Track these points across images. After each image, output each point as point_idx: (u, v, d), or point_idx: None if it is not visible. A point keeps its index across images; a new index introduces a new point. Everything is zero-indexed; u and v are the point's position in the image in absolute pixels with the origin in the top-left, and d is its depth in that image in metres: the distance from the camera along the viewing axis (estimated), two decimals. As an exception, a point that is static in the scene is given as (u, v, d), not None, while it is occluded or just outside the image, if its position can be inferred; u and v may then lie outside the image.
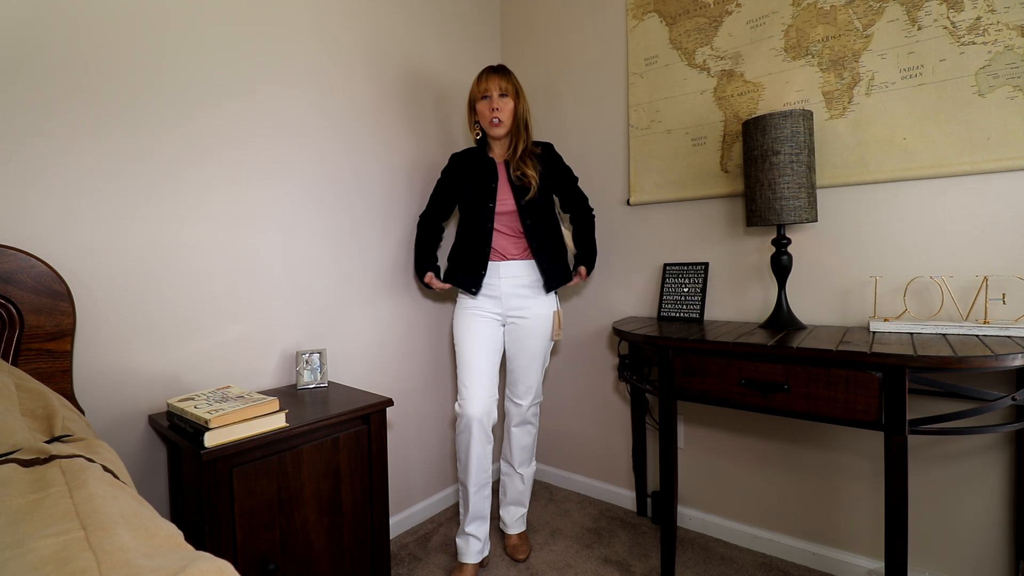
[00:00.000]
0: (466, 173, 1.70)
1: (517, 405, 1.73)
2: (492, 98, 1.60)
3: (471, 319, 1.67)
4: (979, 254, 1.34)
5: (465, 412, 1.59)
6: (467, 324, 1.67)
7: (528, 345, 1.67)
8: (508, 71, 1.63)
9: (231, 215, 1.39)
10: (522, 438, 1.75)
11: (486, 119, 1.61)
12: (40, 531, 0.46)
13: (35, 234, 1.07)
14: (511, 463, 1.76)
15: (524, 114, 1.64)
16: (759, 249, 1.68)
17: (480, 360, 1.63)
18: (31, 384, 0.83)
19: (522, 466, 1.76)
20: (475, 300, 1.67)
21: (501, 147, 1.70)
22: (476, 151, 1.72)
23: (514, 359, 1.71)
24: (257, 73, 1.44)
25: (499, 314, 1.68)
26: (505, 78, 1.61)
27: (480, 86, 1.61)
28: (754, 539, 1.71)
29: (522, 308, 1.66)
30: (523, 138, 1.64)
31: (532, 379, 1.71)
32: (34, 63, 1.07)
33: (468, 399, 1.59)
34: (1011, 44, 1.27)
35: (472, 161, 1.71)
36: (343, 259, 1.68)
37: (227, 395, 1.19)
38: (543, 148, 1.72)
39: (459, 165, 1.73)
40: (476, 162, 1.69)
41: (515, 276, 1.65)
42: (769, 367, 1.27)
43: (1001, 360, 1.03)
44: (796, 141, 1.39)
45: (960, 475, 1.39)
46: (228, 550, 1.05)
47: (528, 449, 1.77)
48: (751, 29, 1.64)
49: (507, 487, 1.79)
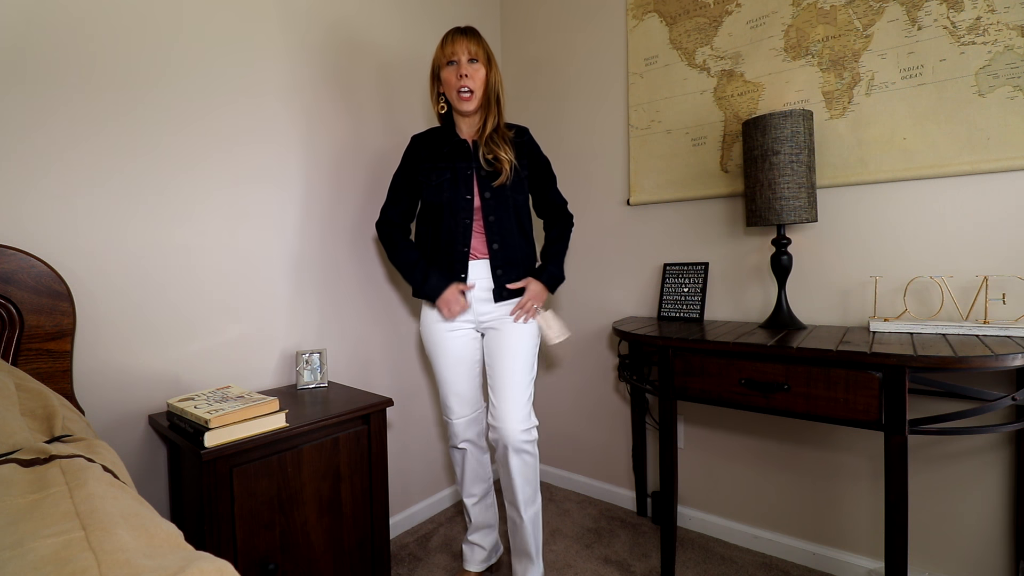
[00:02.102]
0: (434, 157, 1.44)
1: (502, 430, 1.38)
2: (460, 63, 1.35)
3: (441, 338, 1.46)
4: (979, 254, 1.34)
5: (453, 432, 1.51)
6: (438, 344, 1.46)
7: (508, 356, 1.41)
8: (478, 33, 1.39)
9: (231, 215, 1.39)
10: (520, 470, 1.40)
11: (452, 88, 1.37)
12: (40, 531, 0.46)
13: (35, 234, 1.07)
14: (515, 504, 1.43)
15: (496, 86, 1.41)
16: (759, 249, 1.68)
17: (460, 384, 1.48)
18: (31, 384, 0.83)
19: (526, 503, 1.42)
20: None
21: (470, 125, 1.45)
22: (442, 131, 1.47)
23: (495, 375, 1.43)
24: (258, 73, 1.44)
25: (471, 321, 1.47)
26: (475, 41, 1.37)
27: (446, 50, 1.36)
28: (754, 539, 1.71)
29: (493, 313, 1.45)
30: (494, 113, 1.41)
31: (516, 394, 1.39)
32: (35, 63, 1.07)
33: (454, 421, 1.50)
34: (1011, 44, 1.27)
35: (439, 142, 1.45)
36: (343, 258, 1.68)
37: (227, 395, 1.19)
38: (517, 131, 1.48)
39: (423, 148, 1.47)
40: (445, 144, 1.44)
41: (484, 278, 1.44)
42: (769, 367, 1.27)
43: (1001, 360, 1.03)
44: (796, 141, 1.39)
45: (960, 475, 1.39)
46: (228, 550, 1.05)
47: (530, 482, 1.42)
48: (751, 29, 1.64)
49: (513, 533, 1.47)
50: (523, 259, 1.47)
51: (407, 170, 1.49)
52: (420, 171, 1.46)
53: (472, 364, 1.50)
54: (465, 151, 1.43)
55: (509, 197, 1.42)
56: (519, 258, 1.46)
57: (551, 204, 1.58)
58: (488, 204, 1.40)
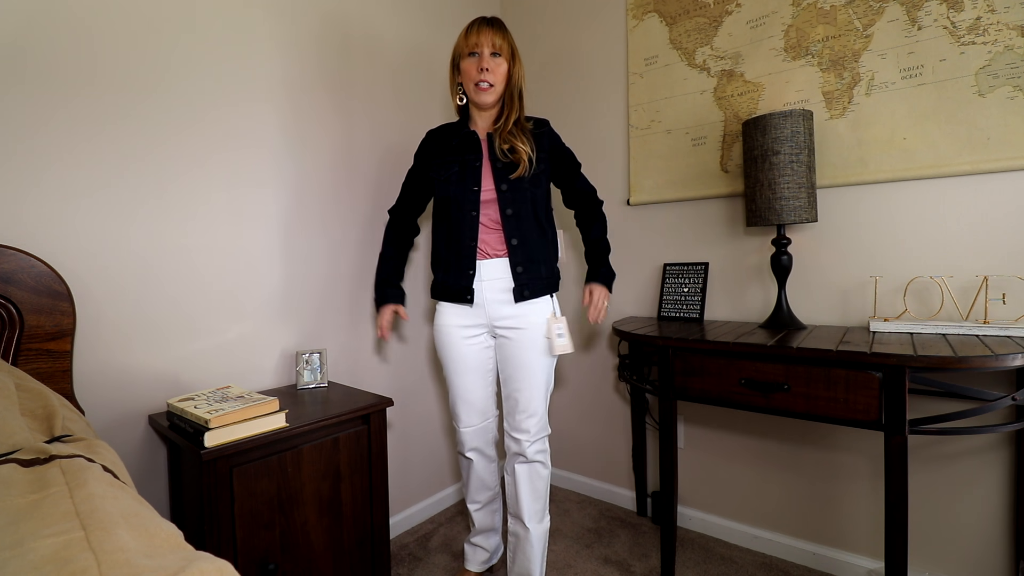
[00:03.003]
0: (443, 151, 1.40)
1: (517, 440, 1.37)
2: (482, 55, 1.29)
3: (454, 341, 1.41)
4: (979, 254, 1.34)
5: (460, 440, 1.48)
6: (450, 347, 1.42)
7: (523, 363, 1.36)
8: (503, 25, 1.33)
9: (231, 215, 1.39)
10: (530, 482, 1.37)
11: (471, 80, 1.31)
12: (40, 531, 0.46)
13: (35, 234, 1.07)
14: (519, 516, 1.38)
15: (519, 81, 1.35)
16: (759, 249, 1.68)
17: (470, 392, 1.43)
18: (31, 384, 0.83)
19: (533, 520, 1.37)
20: (455, 313, 1.41)
21: (486, 120, 1.40)
22: (455, 125, 1.43)
23: (509, 381, 1.39)
24: (258, 75, 1.44)
25: (484, 325, 1.40)
26: (500, 34, 1.30)
27: (468, 40, 1.30)
28: (754, 539, 1.71)
29: (512, 317, 1.37)
30: (515, 109, 1.35)
31: (533, 405, 1.36)
32: (36, 63, 1.07)
33: (463, 429, 1.46)
34: (1011, 44, 1.27)
35: (450, 136, 1.41)
36: (343, 258, 1.68)
37: (227, 395, 1.19)
38: (536, 123, 1.41)
39: (434, 143, 1.44)
40: (455, 137, 1.40)
41: (498, 279, 1.36)
42: (769, 367, 1.27)
43: (1001, 360, 1.03)
44: (796, 141, 1.39)
45: (960, 475, 1.39)
46: (228, 550, 1.05)
47: (540, 497, 1.38)
48: (751, 29, 1.64)
49: (515, 551, 1.41)
50: (544, 256, 1.38)
51: (418, 166, 1.49)
52: (431, 167, 1.43)
53: (485, 373, 1.44)
54: (474, 143, 1.38)
55: (527, 190, 1.34)
56: (540, 255, 1.37)
57: (580, 193, 1.50)
58: (505, 197, 1.33)
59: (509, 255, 1.35)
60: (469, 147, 1.38)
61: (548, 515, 1.43)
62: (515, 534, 1.42)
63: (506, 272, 1.36)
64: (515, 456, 1.39)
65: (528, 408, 1.37)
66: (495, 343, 1.44)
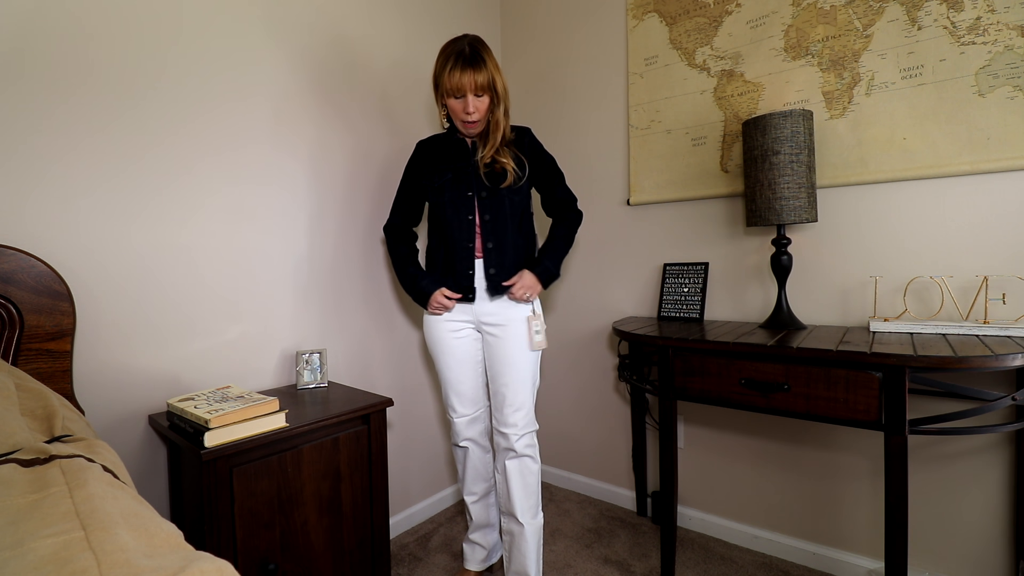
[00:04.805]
0: (435, 159, 1.46)
1: (505, 435, 1.41)
2: (467, 99, 1.33)
3: (443, 337, 1.47)
4: (979, 254, 1.34)
5: (455, 430, 1.53)
6: (440, 342, 1.48)
7: (508, 359, 1.41)
8: (482, 61, 1.32)
9: (231, 215, 1.39)
10: (521, 477, 1.41)
11: (458, 116, 1.37)
12: (40, 531, 0.46)
13: (35, 234, 1.07)
14: (512, 513, 1.41)
15: (504, 102, 1.39)
16: (759, 249, 1.68)
17: (461, 383, 1.49)
18: (31, 384, 0.83)
19: (526, 516, 1.40)
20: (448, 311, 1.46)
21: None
22: (445, 136, 1.49)
23: (496, 377, 1.44)
24: (258, 75, 1.44)
25: (471, 322, 1.47)
26: (481, 72, 1.31)
27: (452, 81, 1.31)
28: (754, 539, 1.71)
29: (496, 314, 1.43)
30: (501, 127, 1.39)
31: (520, 399, 1.41)
32: (35, 63, 1.07)
33: (456, 420, 1.51)
34: (1011, 44, 1.27)
35: (441, 146, 1.48)
36: (343, 258, 1.68)
37: (227, 395, 1.19)
38: (518, 133, 1.47)
39: (426, 153, 1.49)
40: (446, 146, 1.46)
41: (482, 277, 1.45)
42: (769, 367, 1.27)
43: (1001, 360, 1.03)
44: (796, 141, 1.39)
45: (960, 475, 1.39)
46: (228, 550, 1.05)
47: (532, 492, 1.42)
48: (751, 29, 1.64)
49: (511, 549, 1.43)
50: (518, 260, 1.45)
51: (411, 175, 1.52)
52: (424, 175, 1.48)
53: (474, 364, 1.51)
54: (463, 150, 1.44)
55: (505, 196, 1.41)
56: (513, 259, 1.43)
57: (558, 202, 1.53)
58: (484, 203, 1.41)
59: (484, 257, 1.42)
60: (460, 154, 1.44)
61: (541, 511, 1.46)
62: (509, 532, 1.44)
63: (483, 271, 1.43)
64: (505, 452, 1.43)
65: (515, 402, 1.41)
66: (482, 340, 1.49)
